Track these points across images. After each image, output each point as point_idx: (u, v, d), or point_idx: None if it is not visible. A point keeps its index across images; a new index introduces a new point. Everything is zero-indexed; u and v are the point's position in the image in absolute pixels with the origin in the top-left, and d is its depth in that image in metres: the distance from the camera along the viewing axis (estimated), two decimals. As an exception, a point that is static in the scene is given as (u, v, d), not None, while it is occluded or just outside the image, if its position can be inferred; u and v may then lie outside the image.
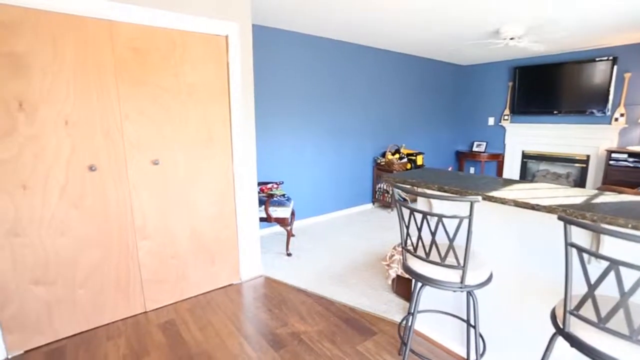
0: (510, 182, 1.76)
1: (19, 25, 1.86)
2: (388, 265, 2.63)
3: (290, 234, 3.42)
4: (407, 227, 1.58)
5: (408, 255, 1.63)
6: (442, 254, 1.52)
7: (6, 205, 1.91)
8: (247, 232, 2.85)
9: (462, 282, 1.42)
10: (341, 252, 3.54)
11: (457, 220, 1.87)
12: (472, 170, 6.64)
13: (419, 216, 1.46)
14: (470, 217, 1.34)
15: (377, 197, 5.19)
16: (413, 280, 2.26)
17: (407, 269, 1.61)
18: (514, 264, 1.70)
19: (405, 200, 3.93)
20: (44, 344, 2.13)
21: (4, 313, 1.98)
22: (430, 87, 5.90)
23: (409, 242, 1.61)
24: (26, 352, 2.08)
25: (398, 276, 2.62)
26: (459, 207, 1.86)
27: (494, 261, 1.78)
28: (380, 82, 5.04)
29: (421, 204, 2.05)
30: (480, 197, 1.29)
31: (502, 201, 1.42)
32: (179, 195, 2.47)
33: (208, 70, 2.50)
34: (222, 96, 2.59)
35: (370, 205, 5.29)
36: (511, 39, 3.63)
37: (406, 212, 1.57)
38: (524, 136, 5.77)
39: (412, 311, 1.58)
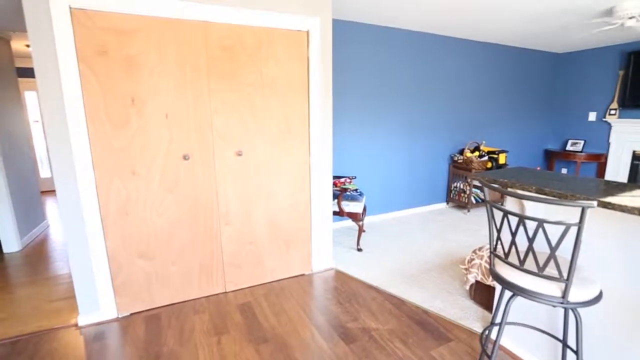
0: (630, 186, 1.51)
1: (136, 32, 2.12)
2: (467, 269, 2.47)
3: (361, 230, 3.40)
4: (499, 231, 1.45)
5: (497, 261, 1.50)
6: (541, 263, 1.36)
7: (119, 187, 2.21)
8: (321, 225, 2.91)
9: (564, 296, 1.26)
10: (414, 251, 3.42)
11: (558, 227, 1.67)
12: (564, 171, 5.90)
13: (513, 220, 1.33)
14: (580, 224, 1.18)
15: (452, 196, 4.90)
16: (497, 289, 2.08)
17: (495, 275, 1.48)
18: (628, 284, 1.46)
19: (484, 201, 3.66)
20: (143, 310, 2.43)
21: (116, 280, 2.30)
22: (518, 78, 5.36)
23: (499, 246, 1.47)
24: (131, 314, 2.39)
25: (477, 282, 2.44)
26: (562, 212, 1.65)
27: (601, 278, 1.55)
28: (460, 75, 4.71)
29: (510, 206, 1.86)
30: (595, 203, 1.12)
31: (625, 209, 1.22)
32: (258, 184, 2.61)
33: (289, 65, 2.57)
34: (302, 90, 2.65)
35: (443, 205, 5.02)
36: (630, 18, 3.09)
37: (497, 215, 1.43)
38: (636, 134, 4.93)
39: (499, 322, 1.45)
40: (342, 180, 3.61)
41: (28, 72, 5.91)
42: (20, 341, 2.16)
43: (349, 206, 3.34)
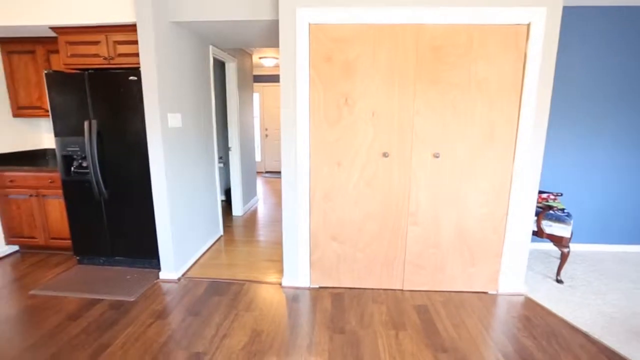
0: None
1: (353, 38, 2.37)
2: None
3: (565, 257, 2.82)
4: None
5: None
6: None
7: (326, 176, 2.54)
8: (516, 242, 2.57)
9: None
10: (644, 301, 2.61)
11: None
12: None
13: None
14: None
15: None
16: None
17: None
18: None
19: None
20: (330, 286, 2.74)
21: (313, 255, 2.67)
22: None
23: None
24: (320, 287, 2.74)
25: None
26: None
27: None
28: None
29: None
30: None
31: None
32: (451, 189, 2.51)
33: (500, 64, 2.35)
34: (512, 92, 2.38)
35: (698, 249, 3.61)
36: None
37: None
38: None
39: None
40: (545, 196, 3.08)
41: (256, 78, 7.51)
42: (236, 283, 2.80)
43: (551, 227, 2.83)
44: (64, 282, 2.82)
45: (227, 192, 5.16)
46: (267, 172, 8.14)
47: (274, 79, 7.69)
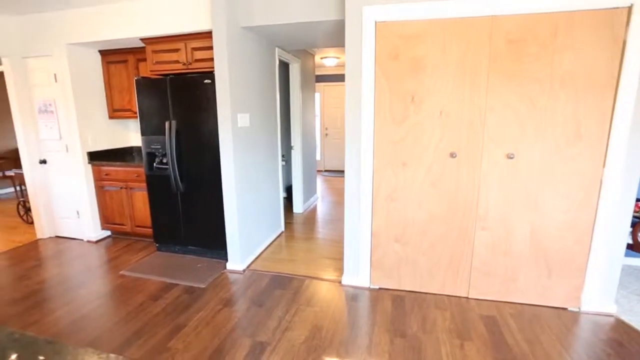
0: None
1: (420, 35, 2.29)
2: None
3: (668, 276, 2.44)
4: None
5: None
6: None
7: (390, 176, 2.50)
8: (605, 256, 2.28)
9: None
10: None
11: None
12: None
13: None
14: None
15: None
16: None
17: None
18: None
19: None
20: (390, 288, 2.70)
21: (374, 255, 2.65)
22: None
23: None
24: (380, 288, 2.71)
25: None
26: None
27: None
28: None
29: None
30: None
31: None
32: (527, 193, 2.31)
33: (590, 56, 2.10)
34: (605, 85, 2.11)
35: None
36: None
37: None
38: None
39: None
40: (643, 204, 2.69)
41: (317, 78, 7.63)
42: (297, 278, 2.87)
43: (651, 240, 2.46)
44: (146, 265, 3.15)
45: (289, 190, 5.33)
46: (326, 170, 8.24)
47: (335, 78, 7.74)
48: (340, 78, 7.69)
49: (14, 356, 0.65)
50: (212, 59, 2.97)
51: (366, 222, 2.59)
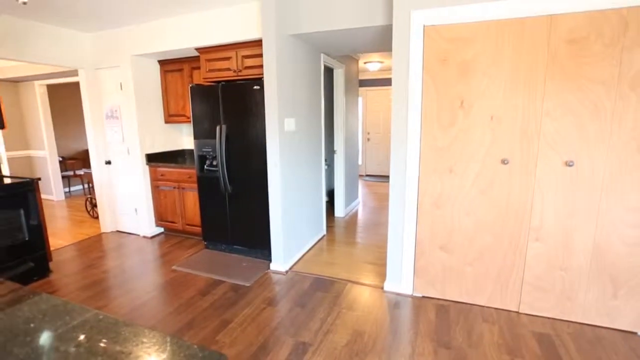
0: None
1: (471, 37, 2.23)
2: None
3: None
4: None
5: None
6: None
7: (436, 182, 2.44)
8: (681, 275, 2.06)
9: None
10: None
11: None
12: None
13: None
14: None
15: None
16: None
17: None
18: None
19: None
20: (434, 297, 2.62)
21: (418, 263, 2.60)
22: None
23: None
24: (423, 297, 2.65)
25: None
26: None
27: None
28: None
29: None
30: None
31: None
32: (588, 204, 2.15)
33: (669, 53, 1.91)
34: (685, 86, 1.91)
35: None
36: None
37: None
38: None
39: None
40: None
41: (359, 83, 7.63)
42: (338, 282, 2.88)
43: None
44: (195, 262, 3.33)
45: (330, 194, 5.37)
46: (367, 175, 8.20)
47: (378, 83, 7.70)
48: (382, 82, 7.63)
49: (99, 336, 0.73)
50: (261, 66, 3.09)
51: (410, 228, 2.55)
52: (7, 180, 3.04)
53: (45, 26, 3.48)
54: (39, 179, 3.08)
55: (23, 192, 2.91)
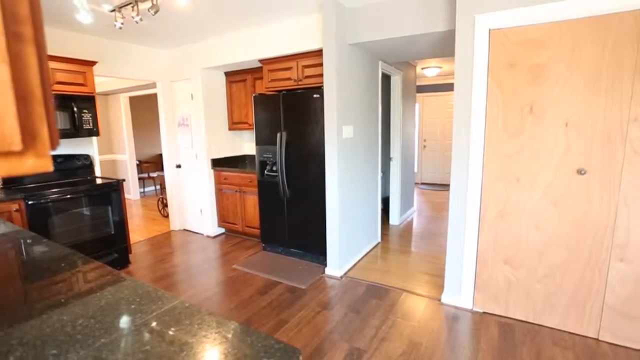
0: None
1: (543, 39, 2.09)
2: None
3: None
4: None
5: None
6: None
7: (501, 191, 2.32)
8: None
9: None
10: None
11: None
12: None
13: None
14: None
15: None
16: None
17: None
18: None
19: None
20: (497, 314, 2.47)
21: (480, 276, 2.47)
22: None
23: None
24: (484, 312, 2.51)
25: None
26: None
27: None
28: None
29: None
30: None
31: None
32: (687, 221, 1.89)
33: None
34: None
35: None
36: None
37: None
38: None
39: None
40: None
41: (416, 89, 7.47)
42: (393, 290, 2.83)
43: None
44: (254, 262, 3.50)
45: (385, 201, 5.31)
46: (423, 183, 7.96)
47: (435, 88, 7.47)
48: (440, 88, 7.39)
49: (187, 321, 0.82)
50: (321, 75, 3.19)
51: (472, 239, 2.44)
52: (98, 181, 3.47)
53: (132, 46, 3.94)
54: (124, 180, 3.47)
55: (110, 191, 3.30)
